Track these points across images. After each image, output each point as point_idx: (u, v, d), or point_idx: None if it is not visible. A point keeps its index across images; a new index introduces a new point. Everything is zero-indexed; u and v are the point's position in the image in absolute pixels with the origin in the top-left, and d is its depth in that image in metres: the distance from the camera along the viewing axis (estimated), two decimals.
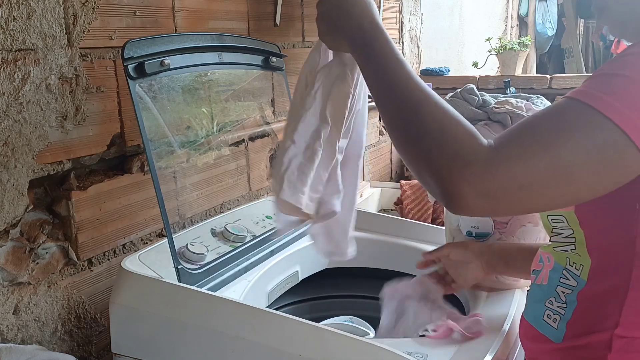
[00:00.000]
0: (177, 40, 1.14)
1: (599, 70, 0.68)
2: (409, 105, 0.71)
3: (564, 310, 0.80)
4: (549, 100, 1.55)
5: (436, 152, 0.65)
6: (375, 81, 0.77)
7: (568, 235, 0.80)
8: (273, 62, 1.41)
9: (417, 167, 0.69)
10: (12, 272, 1.08)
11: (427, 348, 0.92)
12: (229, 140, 1.60)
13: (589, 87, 0.65)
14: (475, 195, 0.62)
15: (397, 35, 2.75)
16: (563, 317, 0.79)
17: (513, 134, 0.66)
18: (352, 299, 1.41)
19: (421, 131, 0.68)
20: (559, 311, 0.80)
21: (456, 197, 0.63)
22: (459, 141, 0.65)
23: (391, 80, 0.74)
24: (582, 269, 0.78)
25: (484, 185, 0.62)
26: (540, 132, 0.64)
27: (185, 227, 1.41)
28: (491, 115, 1.42)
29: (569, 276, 0.80)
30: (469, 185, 0.62)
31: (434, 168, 0.65)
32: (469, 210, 0.64)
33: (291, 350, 0.91)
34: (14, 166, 1.07)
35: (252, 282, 1.16)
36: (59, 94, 1.13)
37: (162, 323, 1.03)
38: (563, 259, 0.81)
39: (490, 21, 4.49)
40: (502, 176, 0.62)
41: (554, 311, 0.81)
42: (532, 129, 0.65)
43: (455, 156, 0.64)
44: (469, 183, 0.62)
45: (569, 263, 0.80)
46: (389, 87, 0.74)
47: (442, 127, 0.67)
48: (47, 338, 1.16)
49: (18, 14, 1.04)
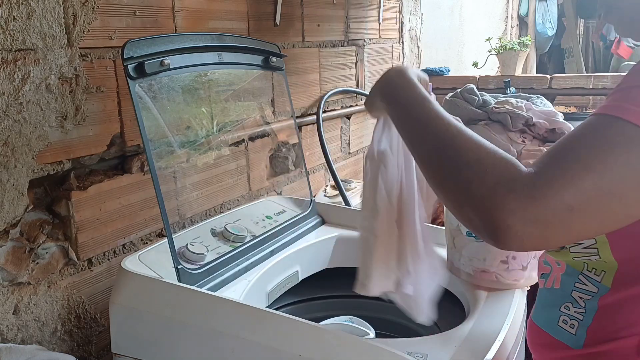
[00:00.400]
0: (177, 40, 1.14)
1: (623, 83, 0.67)
2: (444, 141, 0.70)
3: (583, 315, 0.78)
4: (549, 100, 1.55)
5: (477, 183, 0.63)
6: (406, 124, 0.78)
7: (589, 245, 0.77)
8: (273, 62, 1.41)
9: (458, 202, 0.67)
10: (12, 272, 1.08)
11: (427, 348, 0.91)
12: (229, 140, 1.60)
13: (619, 101, 0.64)
14: (523, 224, 0.59)
15: (397, 35, 2.75)
16: (582, 323, 0.77)
17: (552, 157, 0.64)
18: (352, 299, 1.40)
19: (459, 164, 0.66)
20: (577, 317, 0.78)
21: (503, 229, 0.60)
22: (499, 169, 0.63)
23: (422, 119, 0.74)
24: (604, 275, 0.76)
25: (530, 212, 0.59)
26: (579, 152, 0.62)
27: (185, 227, 1.41)
28: (491, 115, 1.42)
29: (586, 282, 0.78)
30: (514, 214, 0.59)
31: (476, 200, 0.63)
32: (519, 240, 0.60)
33: (291, 350, 0.91)
34: (14, 166, 1.07)
35: (252, 282, 1.16)
36: (58, 94, 1.13)
37: (162, 323, 1.03)
38: (579, 264, 0.79)
39: (490, 21, 4.49)
40: (547, 200, 0.59)
41: (571, 316, 0.79)
42: (571, 149, 0.63)
43: (496, 185, 0.62)
44: (514, 212, 0.59)
45: (587, 268, 0.78)
46: (422, 127, 0.74)
47: (480, 158, 0.65)
48: (47, 338, 1.16)
49: (18, 14, 1.04)
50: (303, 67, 1.97)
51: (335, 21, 2.17)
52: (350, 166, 2.39)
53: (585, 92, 2.62)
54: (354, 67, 2.34)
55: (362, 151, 2.48)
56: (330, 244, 1.40)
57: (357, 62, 2.36)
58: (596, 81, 2.61)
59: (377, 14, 2.50)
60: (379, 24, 2.53)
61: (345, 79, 2.27)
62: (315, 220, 1.47)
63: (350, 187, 2.12)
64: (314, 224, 1.45)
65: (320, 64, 2.08)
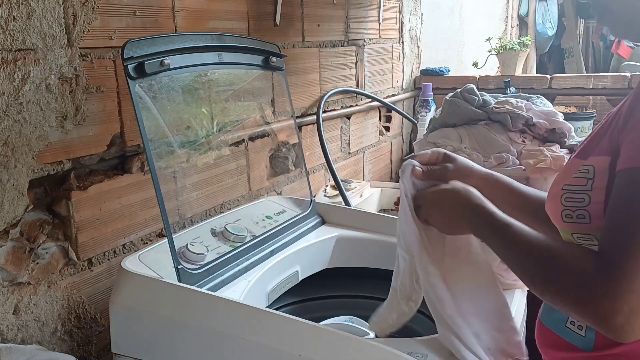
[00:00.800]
0: (177, 40, 1.14)
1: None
2: (528, 262, 0.74)
3: None
4: (549, 100, 1.55)
5: (564, 294, 0.66)
6: (498, 248, 0.81)
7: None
8: (273, 62, 1.40)
9: (567, 310, 0.71)
10: (12, 272, 1.08)
11: (427, 348, 0.91)
12: (229, 140, 1.60)
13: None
14: (617, 313, 0.61)
15: (397, 35, 2.75)
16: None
17: (611, 234, 0.65)
18: (352, 299, 1.41)
19: (543, 280, 0.71)
20: None
21: (610, 325, 0.62)
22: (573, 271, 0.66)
23: (508, 245, 0.78)
24: None
25: (618, 300, 0.61)
26: (636, 219, 0.63)
27: (185, 227, 1.41)
28: (491, 115, 1.42)
29: None
30: (607, 307, 0.61)
31: (577, 309, 0.66)
32: (629, 329, 0.62)
33: (291, 350, 0.91)
34: (14, 166, 1.07)
35: (252, 282, 1.16)
36: (59, 94, 1.13)
37: (162, 323, 1.03)
38: None
39: (490, 21, 4.49)
40: (624, 280, 0.61)
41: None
42: (628, 221, 0.64)
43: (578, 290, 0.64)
44: (606, 307, 0.61)
45: None
46: (509, 250, 0.78)
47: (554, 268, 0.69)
48: (47, 338, 1.16)
49: (18, 14, 1.04)
50: (303, 67, 1.98)
51: (335, 21, 2.17)
52: (350, 166, 2.39)
53: (585, 92, 2.62)
54: (354, 67, 2.34)
55: (362, 151, 2.49)
56: (330, 244, 1.40)
57: (357, 62, 2.36)
58: (596, 81, 2.61)
59: (377, 14, 2.50)
60: (379, 24, 2.53)
61: (345, 79, 2.27)
62: (315, 220, 1.47)
63: (350, 187, 2.12)
64: (314, 224, 1.45)
65: (320, 64, 2.08)
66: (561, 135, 1.38)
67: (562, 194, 0.76)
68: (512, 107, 1.38)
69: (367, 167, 2.54)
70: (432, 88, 2.43)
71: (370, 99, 2.45)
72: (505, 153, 1.33)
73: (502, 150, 1.34)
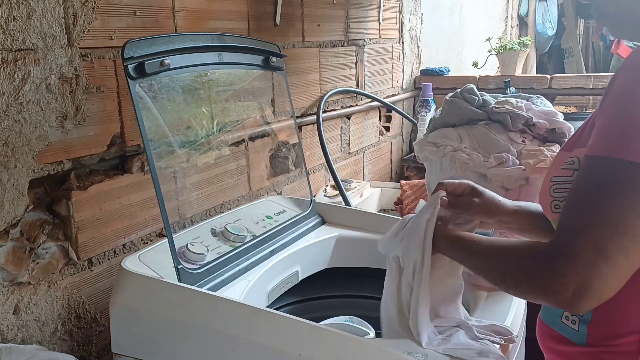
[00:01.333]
0: (177, 40, 1.14)
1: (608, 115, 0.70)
2: (490, 265, 0.81)
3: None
4: (549, 100, 1.55)
5: (523, 284, 0.72)
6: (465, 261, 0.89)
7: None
8: (273, 62, 1.41)
9: (524, 297, 0.82)
10: (12, 272, 1.08)
11: (427, 348, 0.91)
12: (229, 140, 1.60)
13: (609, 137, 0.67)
14: (566, 288, 0.65)
15: (397, 35, 2.75)
16: (582, 319, 0.79)
17: (565, 218, 0.69)
18: (352, 299, 1.41)
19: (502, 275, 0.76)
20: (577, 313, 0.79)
21: (563, 299, 0.66)
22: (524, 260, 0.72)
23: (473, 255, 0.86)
24: None
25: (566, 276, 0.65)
26: (588, 206, 0.66)
27: (185, 227, 1.41)
28: (491, 115, 1.42)
29: None
30: (556, 283, 0.66)
31: (535, 293, 0.70)
32: (579, 300, 0.65)
33: (291, 350, 0.91)
34: (14, 166, 1.07)
35: (252, 282, 1.16)
36: (59, 93, 1.13)
37: (162, 323, 1.03)
38: None
39: (490, 21, 4.49)
40: (572, 258, 0.65)
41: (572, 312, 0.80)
42: (580, 207, 0.68)
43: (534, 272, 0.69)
44: (555, 284, 0.66)
45: None
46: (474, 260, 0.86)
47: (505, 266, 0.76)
48: (47, 338, 1.16)
49: (18, 14, 1.04)
50: (303, 67, 1.98)
51: (335, 21, 2.17)
52: (350, 166, 2.39)
53: (585, 92, 2.62)
54: (354, 67, 2.34)
55: (362, 151, 2.49)
56: (330, 244, 1.40)
57: (357, 62, 2.36)
58: (596, 81, 2.61)
59: (377, 14, 2.50)
60: (379, 24, 2.53)
61: (345, 79, 2.27)
62: (315, 220, 1.47)
63: (350, 187, 2.12)
64: (314, 224, 1.45)
65: (320, 64, 2.08)
66: (561, 135, 1.38)
67: (551, 186, 0.79)
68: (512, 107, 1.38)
69: (367, 167, 2.54)
70: (432, 88, 2.43)
71: (370, 99, 2.45)
72: (505, 153, 1.33)
73: (502, 150, 1.34)
